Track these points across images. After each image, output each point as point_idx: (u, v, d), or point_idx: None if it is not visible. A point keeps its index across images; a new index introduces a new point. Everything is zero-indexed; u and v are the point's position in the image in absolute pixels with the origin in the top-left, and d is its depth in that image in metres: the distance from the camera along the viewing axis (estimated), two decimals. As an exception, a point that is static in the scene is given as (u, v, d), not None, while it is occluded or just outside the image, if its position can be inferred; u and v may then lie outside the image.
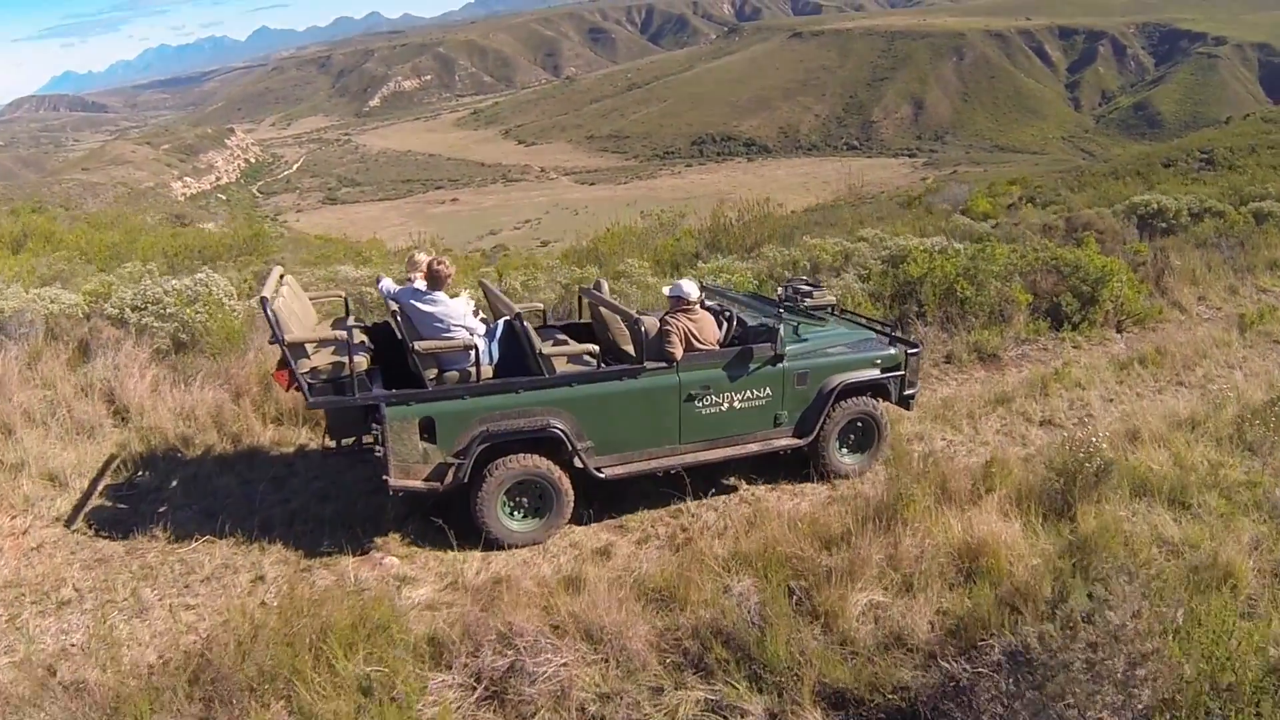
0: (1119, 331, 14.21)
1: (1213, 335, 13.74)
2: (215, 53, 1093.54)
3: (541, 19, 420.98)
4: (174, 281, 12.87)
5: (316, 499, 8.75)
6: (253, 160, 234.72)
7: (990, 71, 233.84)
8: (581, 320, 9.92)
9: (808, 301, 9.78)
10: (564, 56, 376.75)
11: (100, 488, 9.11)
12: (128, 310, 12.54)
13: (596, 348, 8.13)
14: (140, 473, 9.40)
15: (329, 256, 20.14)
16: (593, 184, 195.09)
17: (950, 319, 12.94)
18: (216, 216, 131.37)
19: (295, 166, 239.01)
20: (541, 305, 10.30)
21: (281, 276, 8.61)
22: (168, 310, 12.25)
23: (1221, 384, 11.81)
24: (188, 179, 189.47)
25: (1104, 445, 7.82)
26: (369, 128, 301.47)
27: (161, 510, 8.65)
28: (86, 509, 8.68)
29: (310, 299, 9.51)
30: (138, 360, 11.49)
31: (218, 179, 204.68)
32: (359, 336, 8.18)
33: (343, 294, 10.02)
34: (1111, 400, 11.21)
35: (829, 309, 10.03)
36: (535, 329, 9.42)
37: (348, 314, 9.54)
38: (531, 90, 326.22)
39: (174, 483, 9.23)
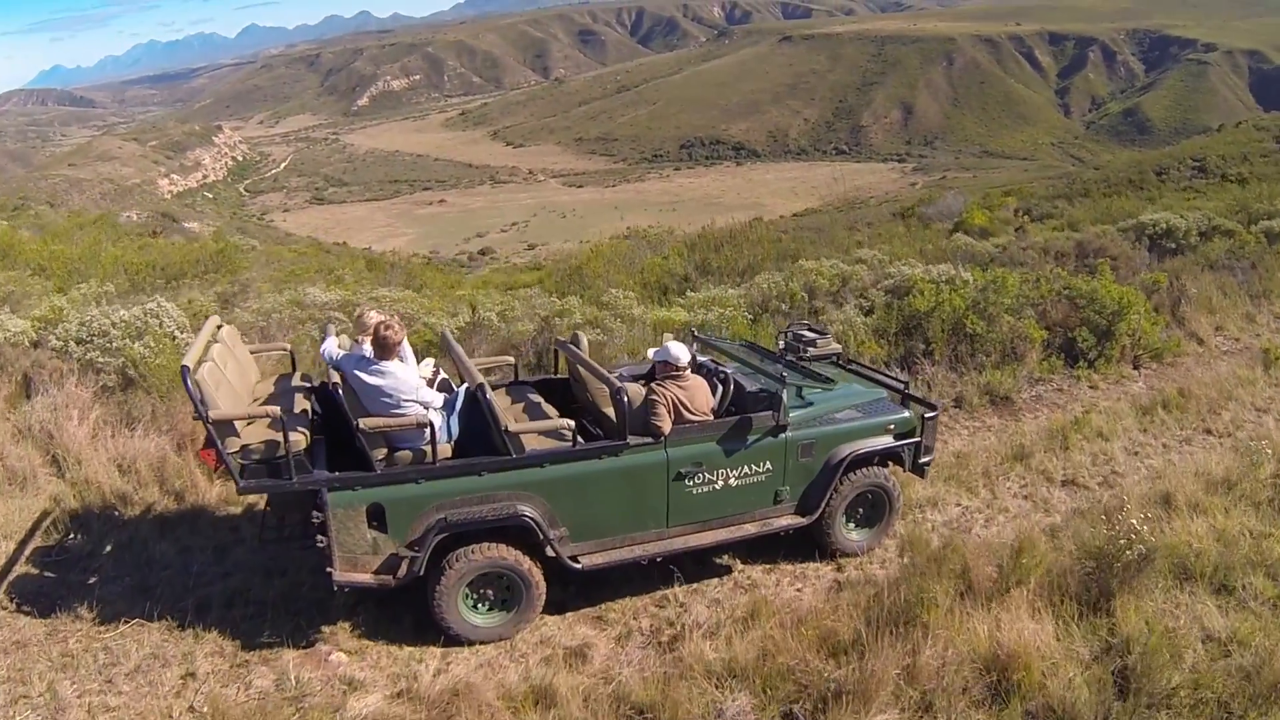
0: (1136, 368, 13.35)
1: (1236, 373, 12.90)
2: (204, 49, 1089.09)
3: (531, 20, 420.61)
4: (122, 311, 11.89)
5: (261, 575, 7.79)
6: (240, 158, 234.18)
7: (980, 77, 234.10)
8: (557, 375, 8.92)
9: (811, 351, 8.81)
10: (553, 58, 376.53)
11: (28, 551, 8.20)
12: (72, 343, 11.57)
13: (571, 423, 7.06)
14: (73, 535, 8.49)
15: (299, 274, 19.16)
16: (581, 186, 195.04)
17: (959, 357, 12.03)
18: (203, 215, 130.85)
19: (283, 165, 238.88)
20: (512, 360, 9.14)
21: (218, 328, 7.66)
22: (114, 344, 11.28)
23: (1251, 430, 10.97)
24: (174, 176, 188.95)
25: (1142, 528, 6.93)
26: (357, 127, 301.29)
27: (91, 582, 7.77)
28: (10, 577, 7.79)
29: (254, 350, 8.55)
30: (79, 401, 10.56)
31: (205, 177, 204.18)
32: (301, 404, 7.18)
33: (288, 347, 8.98)
34: (1136, 453, 10.33)
35: (833, 357, 9.09)
36: (506, 385, 8.47)
37: (294, 368, 8.50)
38: (520, 91, 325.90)
39: (108, 548, 8.31)
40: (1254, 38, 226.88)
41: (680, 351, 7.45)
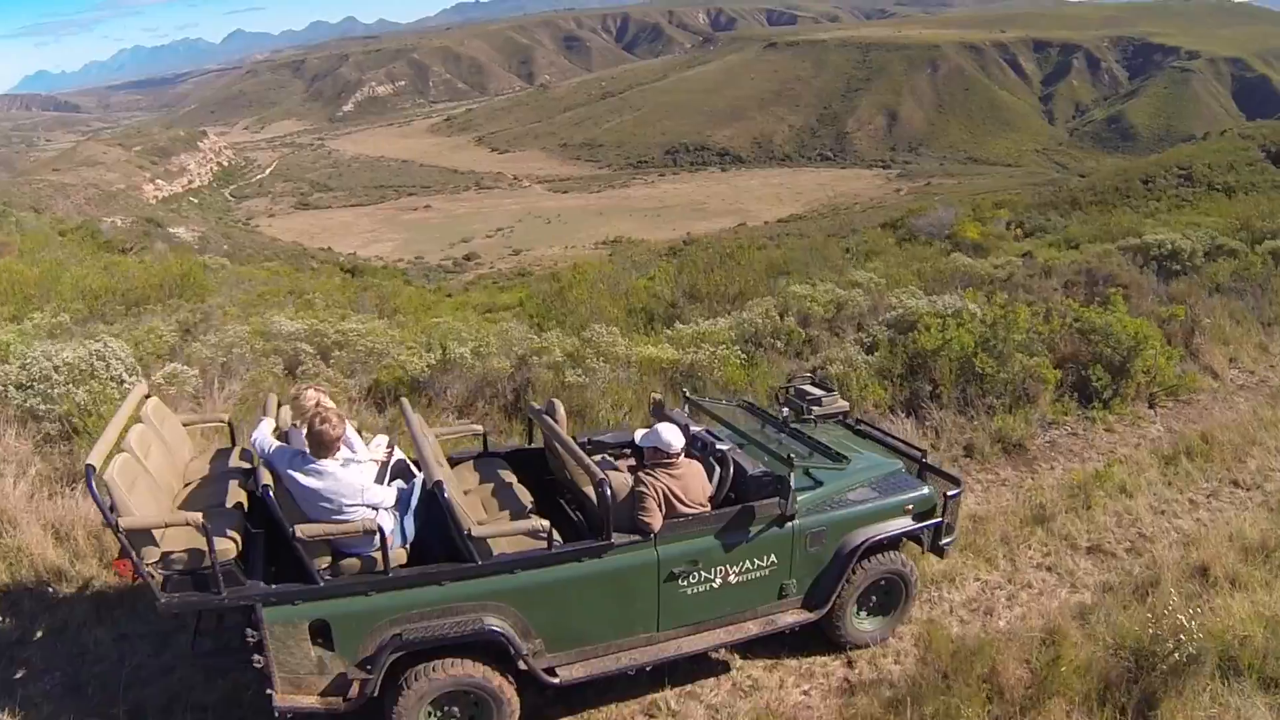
0: (1152, 406, 12.60)
1: (1257, 413, 12.21)
2: (190, 54, 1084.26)
3: (516, 26, 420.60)
4: (66, 353, 11.00)
5: (203, 674, 6.89)
6: (225, 164, 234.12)
7: (964, 83, 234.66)
8: (531, 445, 7.93)
9: (816, 410, 7.93)
10: (538, 64, 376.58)
11: (-49, 638, 7.37)
12: (11, 388, 10.68)
13: (547, 524, 6.07)
14: (1, 616, 7.60)
15: (269, 296, 18.25)
16: (566, 192, 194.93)
17: (968, 399, 11.24)
18: (188, 220, 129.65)
19: (268, 171, 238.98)
20: (480, 429, 8.00)
21: (143, 400, 6.74)
22: (56, 390, 10.41)
23: (1280, 481, 10.27)
24: (160, 181, 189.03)
25: (1190, 623, 6.18)
26: (342, 133, 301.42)
27: (18, 677, 6.92)
28: (-74, 668, 6.94)
29: (188, 423, 7.61)
30: (18, 455, 9.71)
31: (190, 182, 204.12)
32: (236, 494, 6.20)
33: (225, 419, 7.93)
34: (1163, 512, 9.55)
35: (840, 415, 8.20)
36: (473, 459, 7.60)
37: (233, 443, 7.54)
38: (505, 97, 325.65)
39: (38, 633, 7.44)
40: (1237, 46, 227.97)
41: (673, 437, 6.49)
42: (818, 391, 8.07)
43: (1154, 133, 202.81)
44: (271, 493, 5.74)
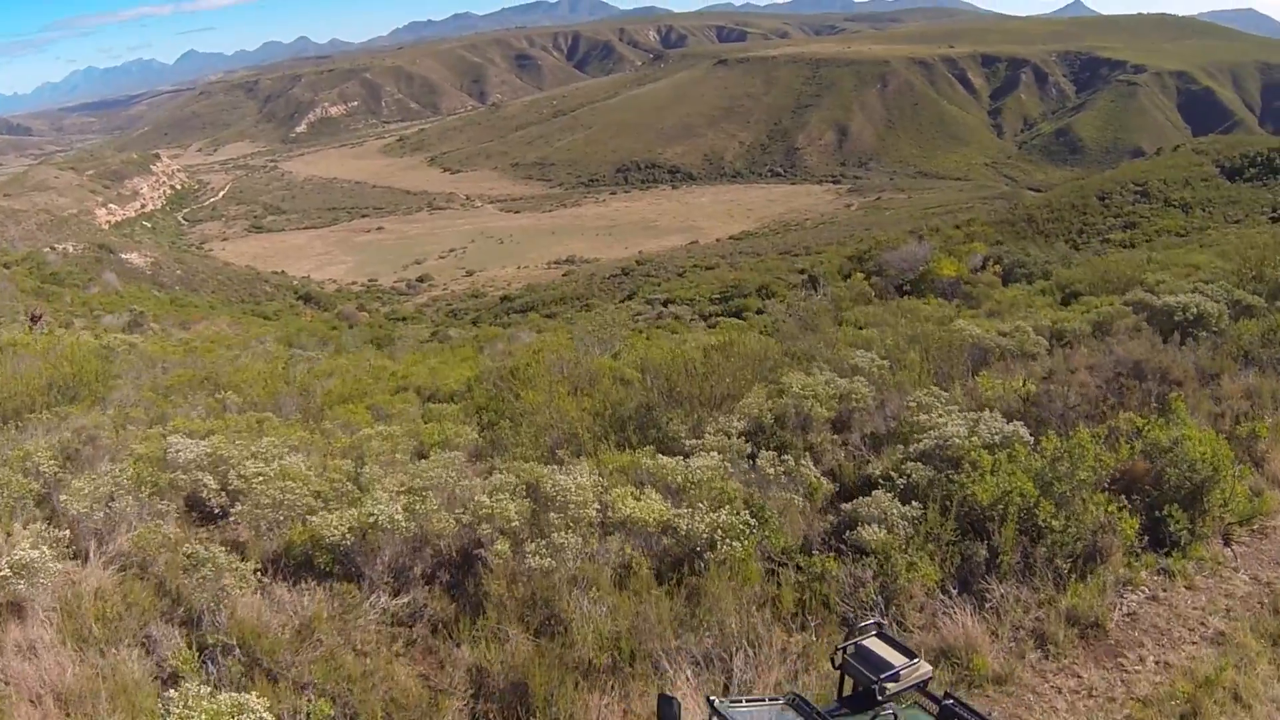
0: (1228, 544, 10.47)
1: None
2: (143, 75, 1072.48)
3: (468, 45, 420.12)
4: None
5: None
6: (178, 187, 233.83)
7: (914, 98, 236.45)
8: None
9: (890, 688, 5.52)
10: (490, 83, 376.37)
11: None
12: None
13: None
14: None
15: (175, 393, 15.66)
16: (518, 212, 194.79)
17: (1029, 564, 9.00)
18: (140, 246, 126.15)
19: (221, 194, 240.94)
20: None
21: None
22: None
23: None
24: (112, 205, 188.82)
25: None
26: (295, 154, 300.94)
27: None
28: None
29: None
30: None
31: (143, 206, 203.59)
32: None
33: None
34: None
35: (921, 684, 5.76)
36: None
37: None
38: (458, 117, 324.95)
39: None
40: (1182, 60, 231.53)
41: None
42: (890, 656, 5.63)
43: (1101, 145, 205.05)
44: None
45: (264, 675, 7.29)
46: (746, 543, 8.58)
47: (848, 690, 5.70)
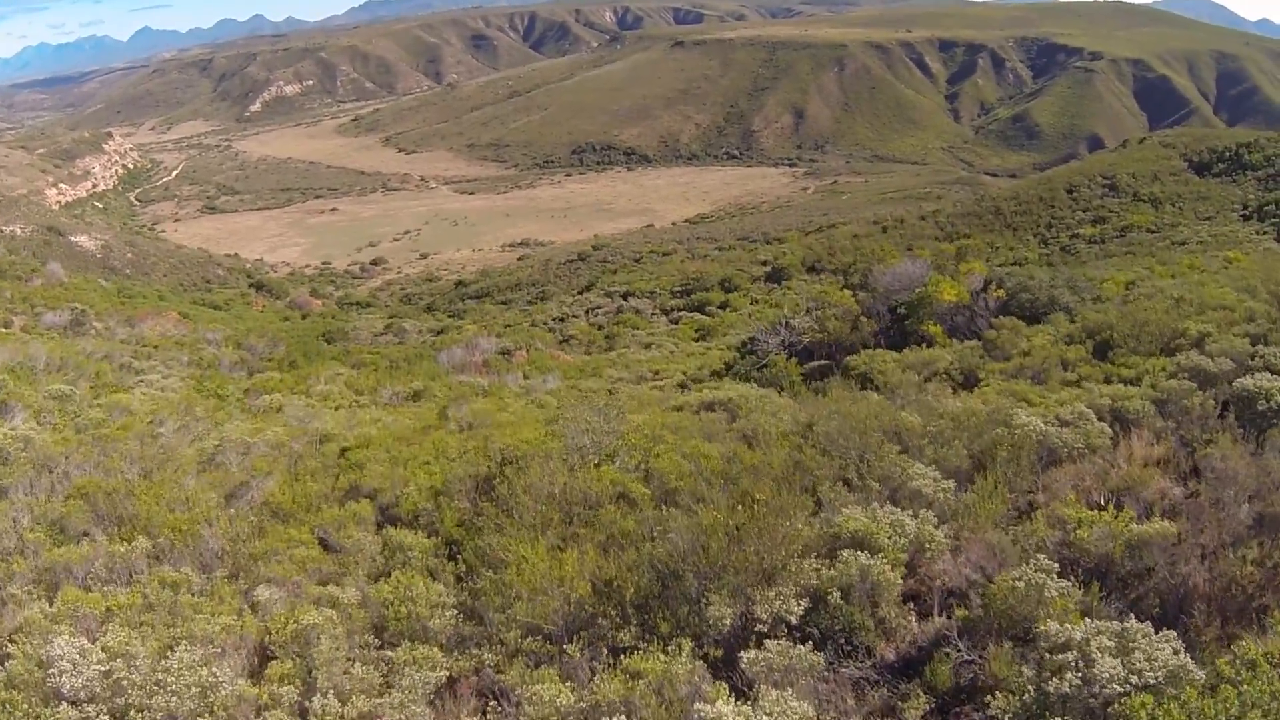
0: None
1: None
2: (96, 52, 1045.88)
3: (424, 25, 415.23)
4: None
5: None
6: (131, 166, 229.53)
7: (871, 82, 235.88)
8: None
9: None
10: (446, 63, 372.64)
11: None
12: None
13: None
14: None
15: (75, 515, 12.30)
16: (472, 194, 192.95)
17: None
18: (91, 227, 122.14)
19: (174, 174, 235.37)
20: None
21: None
22: None
23: None
24: (63, 185, 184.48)
25: None
26: (250, 133, 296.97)
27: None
28: None
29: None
30: None
31: (95, 186, 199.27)
32: None
33: None
34: None
35: None
36: None
37: None
38: (413, 97, 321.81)
39: None
40: (1138, 47, 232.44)
41: None
42: None
43: (1058, 131, 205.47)
44: None
45: None
46: None
47: None
